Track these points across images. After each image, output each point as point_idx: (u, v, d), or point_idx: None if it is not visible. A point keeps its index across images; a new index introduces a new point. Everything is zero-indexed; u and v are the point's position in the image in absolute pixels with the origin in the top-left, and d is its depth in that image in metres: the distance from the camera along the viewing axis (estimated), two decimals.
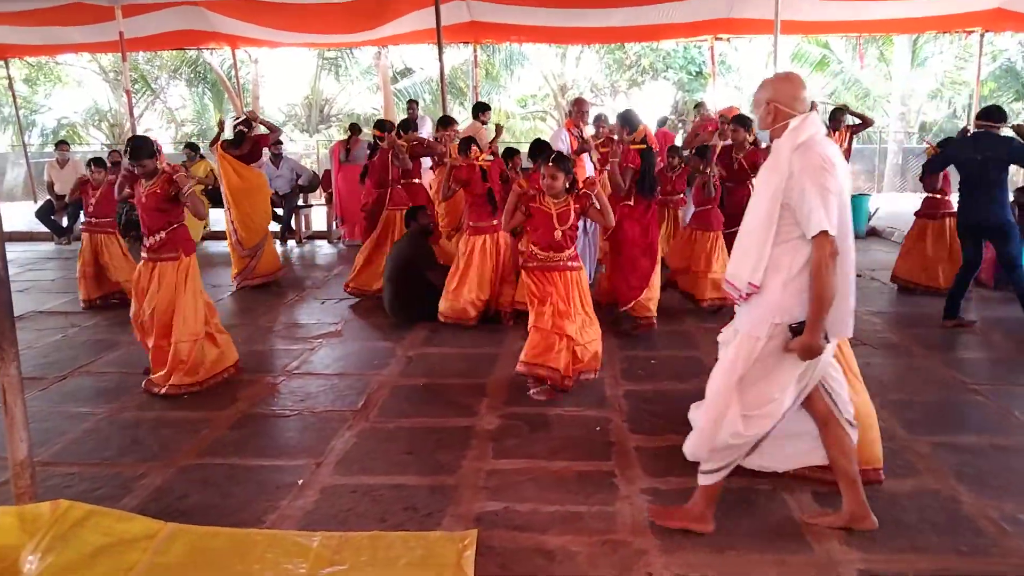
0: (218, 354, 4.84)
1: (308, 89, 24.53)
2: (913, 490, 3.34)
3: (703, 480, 2.97)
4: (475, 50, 14.75)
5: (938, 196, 7.25)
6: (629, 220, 5.68)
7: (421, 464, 3.63)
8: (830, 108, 9.35)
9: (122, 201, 10.74)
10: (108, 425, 4.22)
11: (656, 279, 5.87)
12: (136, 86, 22.16)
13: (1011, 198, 7.63)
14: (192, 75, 23.40)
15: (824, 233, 2.58)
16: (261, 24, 11.91)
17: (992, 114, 5.68)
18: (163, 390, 4.57)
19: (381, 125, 7.63)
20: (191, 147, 11.24)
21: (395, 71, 22.76)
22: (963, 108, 22.07)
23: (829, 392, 2.96)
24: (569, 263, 4.57)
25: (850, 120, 8.92)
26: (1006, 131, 5.79)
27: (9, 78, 15.11)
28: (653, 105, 24.14)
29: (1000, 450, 3.75)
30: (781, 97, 2.77)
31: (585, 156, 7.05)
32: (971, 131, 6.20)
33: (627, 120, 5.70)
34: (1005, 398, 4.46)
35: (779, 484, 3.38)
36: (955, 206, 6.16)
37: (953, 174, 6.29)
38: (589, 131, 7.36)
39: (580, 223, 7.16)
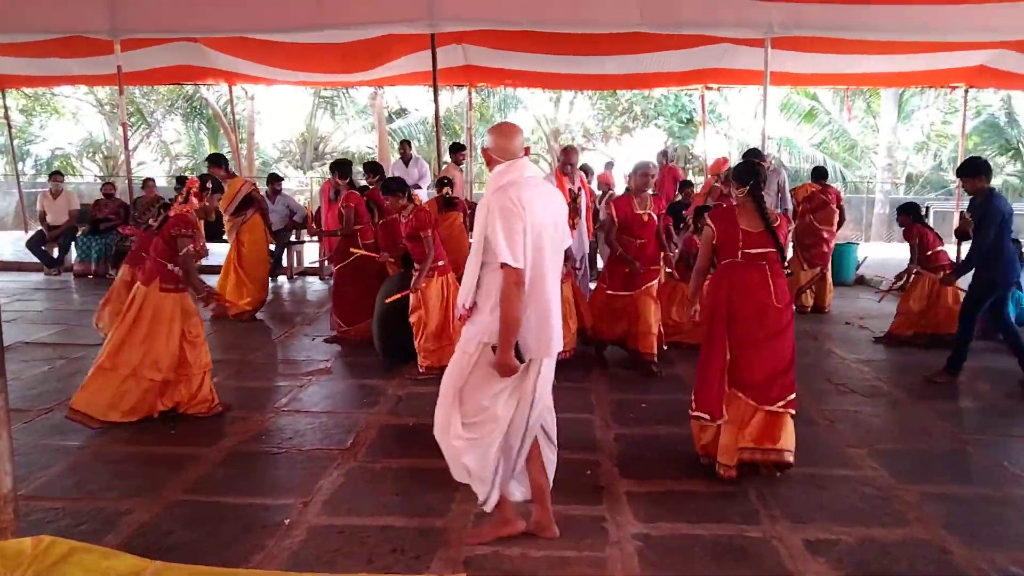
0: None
1: (303, 126, 24.77)
2: (903, 539, 3.33)
3: (487, 507, 3.19)
4: (470, 93, 14.96)
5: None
6: None
7: (409, 505, 3.60)
8: (820, 159, 9.54)
9: (106, 231, 10.83)
10: (93, 459, 4.17)
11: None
12: (132, 119, 22.29)
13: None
14: (188, 110, 23.56)
15: (506, 265, 2.87)
16: (259, 61, 12.05)
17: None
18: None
19: (371, 167, 7.73)
20: (182, 181, 11.27)
21: (390, 111, 23.05)
22: (948, 160, 22.46)
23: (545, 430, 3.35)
24: None
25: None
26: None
27: (5, 108, 15.17)
28: (643, 151, 24.44)
29: (990, 501, 3.75)
30: (492, 146, 3.10)
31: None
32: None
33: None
34: (994, 448, 4.48)
35: (770, 532, 3.37)
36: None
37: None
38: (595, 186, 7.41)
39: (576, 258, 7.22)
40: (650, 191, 6.18)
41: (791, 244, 8.60)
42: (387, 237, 7.06)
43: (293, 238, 11.20)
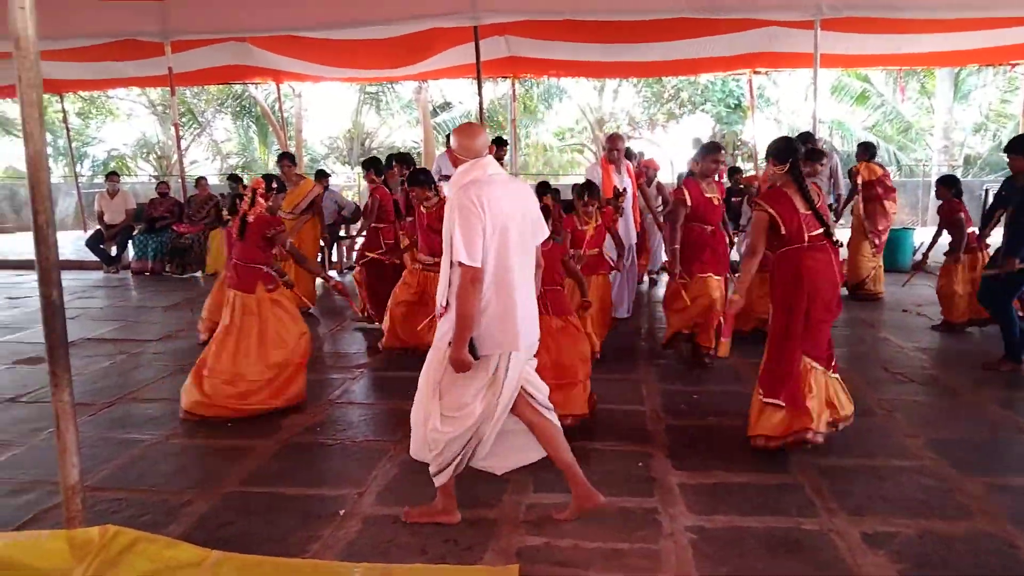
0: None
1: (350, 123, 25.02)
2: (966, 533, 3.24)
3: (437, 481, 3.28)
4: (513, 84, 14.93)
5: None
6: None
7: (461, 496, 3.61)
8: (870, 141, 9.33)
9: (161, 229, 11.10)
10: (154, 452, 4.29)
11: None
12: (183, 119, 22.79)
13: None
14: (238, 108, 24.02)
15: (462, 263, 2.94)
16: (305, 59, 12.21)
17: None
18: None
19: (401, 158, 7.78)
20: (234, 179, 11.51)
21: (435, 105, 23.14)
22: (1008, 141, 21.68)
23: (531, 392, 3.33)
24: None
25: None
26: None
27: (63, 112, 15.64)
28: (689, 138, 24.12)
29: None
30: (456, 146, 3.18)
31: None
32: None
33: None
34: None
35: (827, 525, 3.31)
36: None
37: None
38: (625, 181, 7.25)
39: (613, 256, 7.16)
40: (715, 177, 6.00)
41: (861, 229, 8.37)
42: (413, 231, 7.10)
43: (342, 233, 11.34)
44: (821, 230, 4.02)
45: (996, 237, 6.32)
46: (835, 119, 22.69)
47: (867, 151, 8.90)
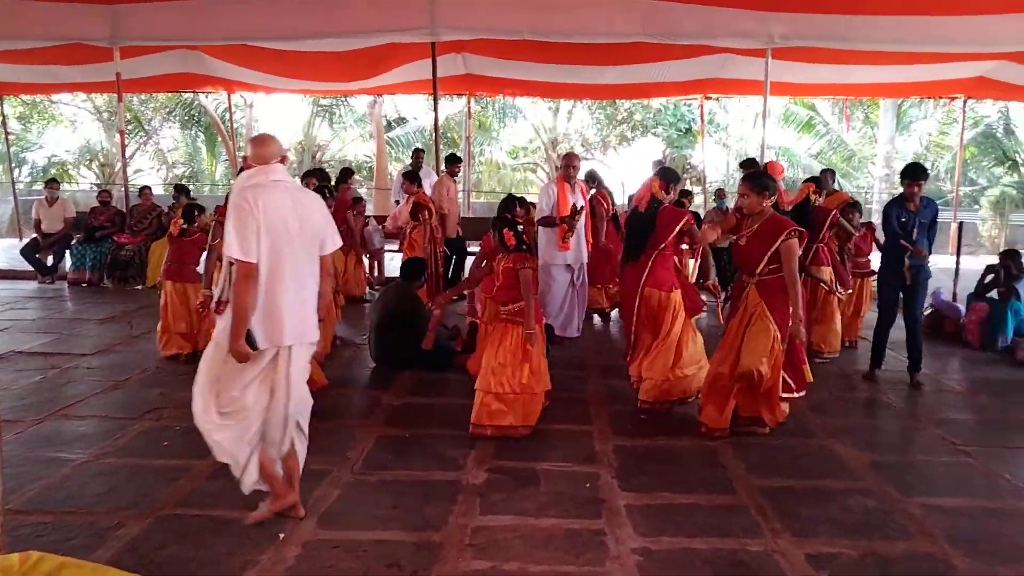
0: None
1: (301, 135, 24.71)
2: (906, 553, 3.29)
3: (244, 485, 3.40)
4: (469, 101, 14.98)
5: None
6: None
7: (406, 519, 3.55)
8: (819, 168, 9.54)
9: (101, 239, 10.77)
10: (85, 472, 4.11)
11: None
12: (129, 127, 22.25)
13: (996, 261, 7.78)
14: (186, 117, 23.53)
15: (237, 259, 3.12)
16: (258, 69, 12.05)
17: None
18: None
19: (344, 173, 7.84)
20: (180, 189, 11.26)
21: (389, 120, 23.02)
22: (946, 171, 22.51)
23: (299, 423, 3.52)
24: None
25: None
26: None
27: (2, 115, 15.14)
28: (642, 161, 24.49)
29: (991, 513, 3.72)
30: (250, 154, 3.42)
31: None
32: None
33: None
34: (994, 460, 4.44)
35: (771, 546, 3.32)
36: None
37: None
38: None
39: (569, 276, 7.19)
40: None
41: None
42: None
43: None
44: None
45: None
46: (782, 145, 23.24)
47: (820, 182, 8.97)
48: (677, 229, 5.11)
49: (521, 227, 4.75)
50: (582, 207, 7.01)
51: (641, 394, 5.22)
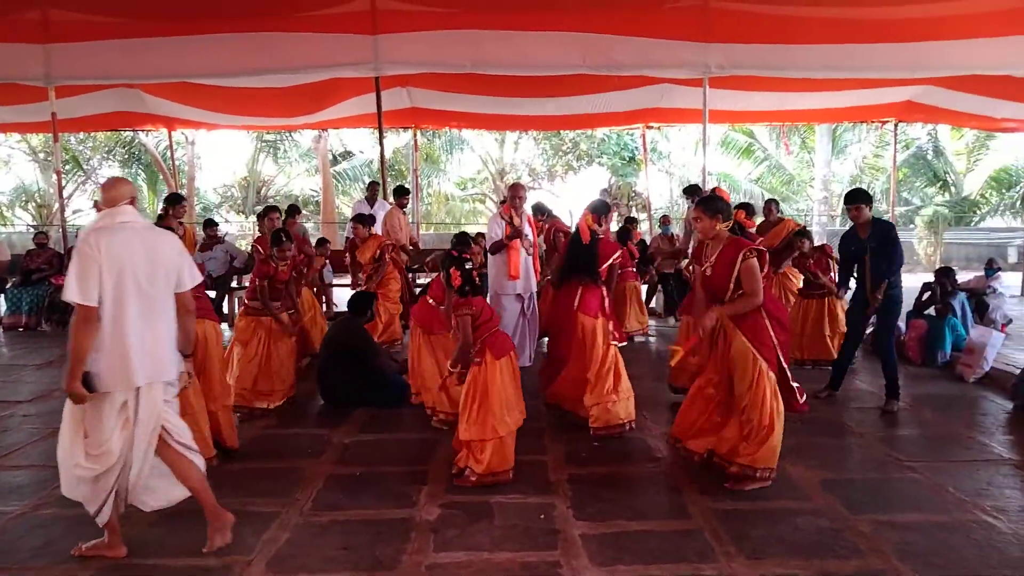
0: None
1: (246, 170, 24.47)
2: (857, 570, 3.34)
3: (99, 520, 3.42)
4: (415, 134, 15.01)
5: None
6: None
7: (358, 559, 3.47)
8: (759, 192, 9.77)
9: (38, 282, 10.45)
10: (19, 524, 3.93)
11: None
12: (67, 167, 21.76)
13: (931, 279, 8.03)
14: (126, 156, 23.14)
15: (75, 302, 3.17)
16: (198, 106, 11.93)
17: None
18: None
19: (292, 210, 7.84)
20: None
21: (335, 153, 22.96)
22: (881, 193, 23.24)
23: (169, 432, 3.48)
24: None
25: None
26: None
27: None
28: (588, 189, 24.86)
29: (938, 527, 3.79)
30: (101, 198, 3.47)
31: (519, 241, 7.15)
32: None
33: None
34: (939, 474, 4.54)
35: (726, 570, 3.33)
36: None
37: None
38: (527, 213, 7.47)
39: (519, 306, 7.24)
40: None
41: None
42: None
43: (235, 284, 10.97)
44: None
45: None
46: (723, 171, 23.81)
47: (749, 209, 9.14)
48: (609, 262, 5.43)
49: (468, 266, 4.69)
50: (525, 234, 7.12)
51: (592, 422, 5.22)
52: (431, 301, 5.63)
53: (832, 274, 7.37)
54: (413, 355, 5.97)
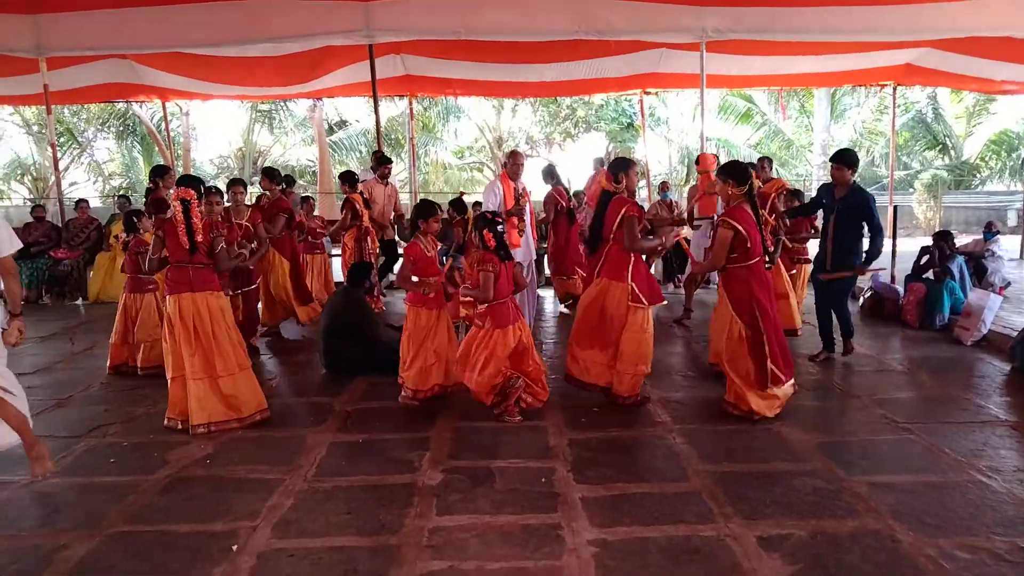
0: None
1: (241, 141, 24.31)
2: (853, 531, 3.38)
3: None
4: (411, 103, 14.90)
5: None
6: None
7: (361, 524, 3.52)
8: (756, 157, 9.79)
9: (37, 256, 10.45)
10: (28, 494, 3.98)
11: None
12: (62, 139, 21.61)
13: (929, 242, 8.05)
14: (121, 128, 22.96)
15: None
16: (192, 77, 11.80)
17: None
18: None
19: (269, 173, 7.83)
20: (125, 199, 11.06)
21: (330, 123, 22.79)
22: (881, 156, 23.17)
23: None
24: None
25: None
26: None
27: None
28: (586, 156, 24.70)
29: (933, 487, 3.84)
30: None
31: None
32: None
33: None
34: (935, 436, 4.59)
35: (723, 531, 3.38)
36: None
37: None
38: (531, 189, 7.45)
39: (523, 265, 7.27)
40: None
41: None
42: None
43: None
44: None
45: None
46: (721, 137, 23.68)
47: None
48: (617, 219, 5.10)
49: (500, 228, 4.89)
50: (522, 196, 7.09)
51: (618, 388, 5.24)
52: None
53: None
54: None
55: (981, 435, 4.61)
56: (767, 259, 4.83)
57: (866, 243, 6.06)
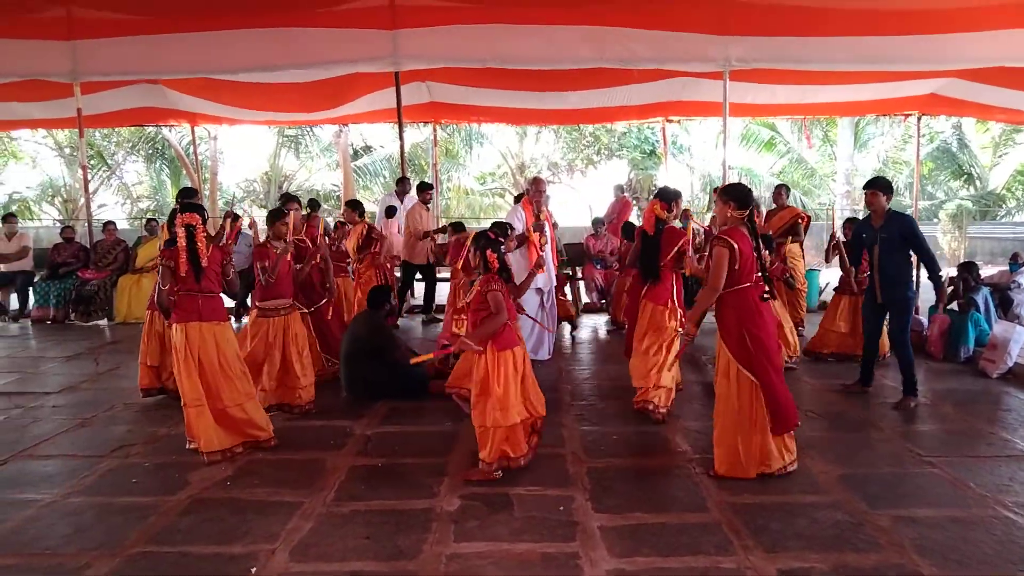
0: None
1: (267, 165, 24.63)
2: (876, 565, 3.34)
3: None
4: (435, 129, 15.04)
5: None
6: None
7: (379, 549, 3.53)
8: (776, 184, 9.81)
9: (65, 276, 10.62)
10: (51, 512, 4.03)
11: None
12: (92, 162, 22.03)
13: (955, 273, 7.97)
14: (150, 151, 23.37)
15: None
16: (221, 102, 12.03)
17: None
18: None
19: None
20: (154, 222, 11.24)
21: (355, 148, 23.05)
22: (905, 187, 23.00)
23: None
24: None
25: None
26: None
27: None
28: (608, 183, 24.71)
29: (957, 522, 3.78)
30: None
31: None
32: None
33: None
34: (959, 469, 4.52)
35: (744, 563, 3.35)
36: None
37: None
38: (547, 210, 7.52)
39: (539, 299, 7.26)
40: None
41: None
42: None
43: None
44: (759, 273, 4.44)
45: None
46: (744, 165, 23.65)
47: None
48: (675, 249, 5.49)
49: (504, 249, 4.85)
50: (543, 225, 7.14)
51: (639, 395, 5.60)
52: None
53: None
54: None
55: (1007, 470, 4.54)
56: (767, 291, 4.59)
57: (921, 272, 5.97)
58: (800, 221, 8.98)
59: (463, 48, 8.93)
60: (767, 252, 6.78)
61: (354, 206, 8.67)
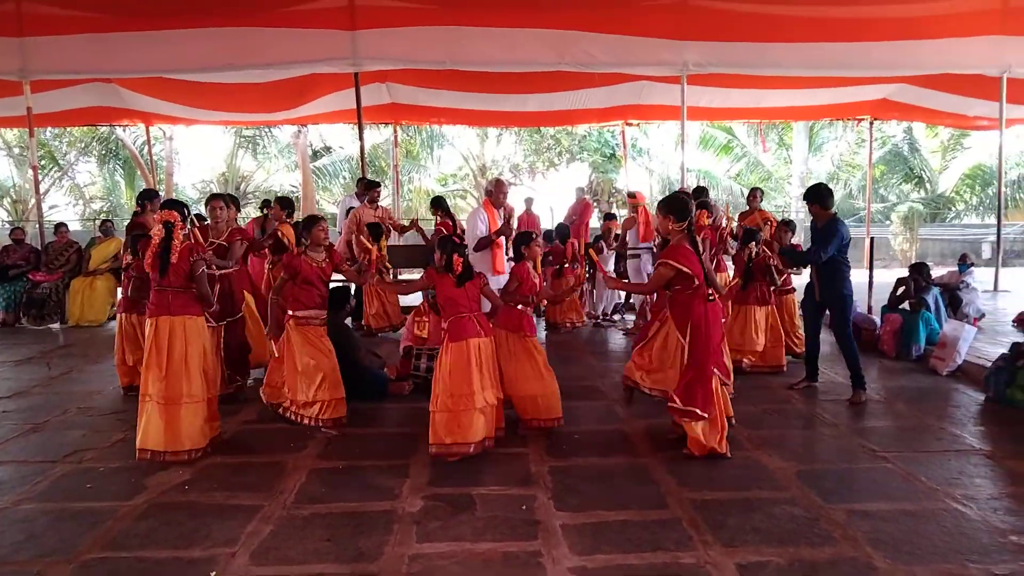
0: None
1: (224, 166, 24.29)
2: (831, 558, 3.41)
3: None
4: (395, 130, 15.00)
5: None
6: None
7: (341, 551, 3.50)
8: (738, 188, 9.93)
9: (15, 278, 10.36)
10: (1, 520, 3.92)
11: None
12: (43, 162, 21.49)
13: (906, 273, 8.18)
14: (103, 151, 22.89)
15: None
16: (176, 102, 11.85)
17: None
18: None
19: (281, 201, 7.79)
20: (109, 223, 11.01)
21: (314, 149, 22.85)
22: (858, 189, 23.52)
23: None
24: None
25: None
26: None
27: None
28: (569, 186, 24.86)
29: (909, 515, 3.88)
30: None
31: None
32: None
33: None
34: (911, 464, 4.64)
35: (703, 558, 3.40)
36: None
37: None
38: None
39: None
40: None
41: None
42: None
43: None
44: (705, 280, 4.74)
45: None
46: (702, 168, 23.97)
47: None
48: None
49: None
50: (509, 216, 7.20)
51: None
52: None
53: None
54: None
55: (956, 464, 4.67)
56: (713, 292, 4.79)
57: (855, 274, 6.20)
58: (767, 224, 9.11)
59: (423, 49, 8.93)
60: (752, 244, 6.98)
61: (284, 204, 8.08)
